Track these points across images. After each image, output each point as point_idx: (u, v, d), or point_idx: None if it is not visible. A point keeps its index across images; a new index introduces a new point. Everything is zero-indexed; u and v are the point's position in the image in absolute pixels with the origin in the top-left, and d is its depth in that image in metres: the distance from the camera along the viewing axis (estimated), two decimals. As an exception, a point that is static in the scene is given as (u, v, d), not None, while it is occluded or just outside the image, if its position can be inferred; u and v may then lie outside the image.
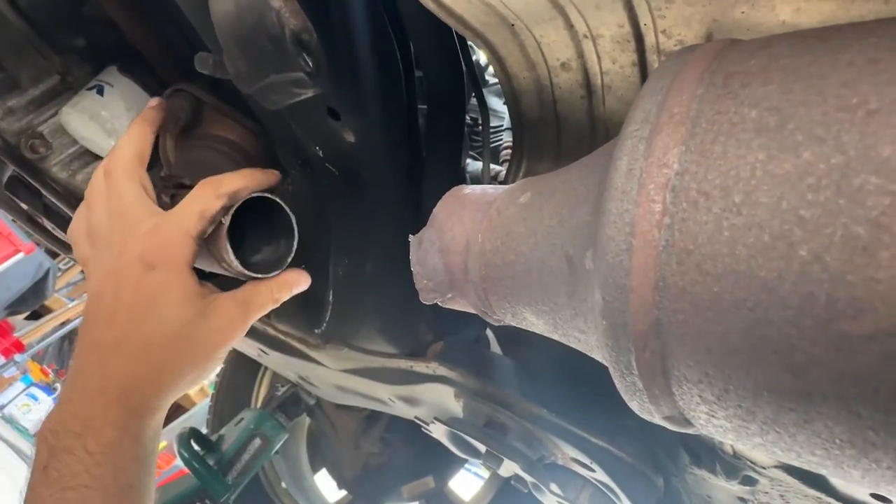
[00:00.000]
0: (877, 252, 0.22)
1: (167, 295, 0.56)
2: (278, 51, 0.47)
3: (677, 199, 0.27)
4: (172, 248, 0.56)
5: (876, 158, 0.22)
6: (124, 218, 0.59)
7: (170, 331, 0.56)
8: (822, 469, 0.28)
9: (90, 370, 0.56)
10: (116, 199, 0.60)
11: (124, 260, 0.57)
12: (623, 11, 0.45)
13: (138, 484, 0.55)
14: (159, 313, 0.56)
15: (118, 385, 0.55)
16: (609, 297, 0.30)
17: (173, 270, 0.57)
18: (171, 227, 0.57)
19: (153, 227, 0.57)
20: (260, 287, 0.62)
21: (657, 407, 0.32)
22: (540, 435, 0.72)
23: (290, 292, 0.65)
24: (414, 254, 0.49)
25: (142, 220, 0.58)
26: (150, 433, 0.57)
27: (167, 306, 0.56)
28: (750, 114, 0.26)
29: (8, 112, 0.85)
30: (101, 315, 0.57)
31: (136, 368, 0.55)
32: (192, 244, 0.57)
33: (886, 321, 0.22)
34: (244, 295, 0.61)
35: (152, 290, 0.56)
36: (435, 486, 1.36)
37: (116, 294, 0.57)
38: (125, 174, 0.61)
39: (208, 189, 0.58)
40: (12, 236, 3.23)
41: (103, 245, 0.60)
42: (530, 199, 0.40)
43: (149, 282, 0.56)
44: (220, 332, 0.59)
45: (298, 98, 0.54)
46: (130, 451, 0.54)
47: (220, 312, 0.59)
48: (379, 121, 0.66)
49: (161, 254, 0.56)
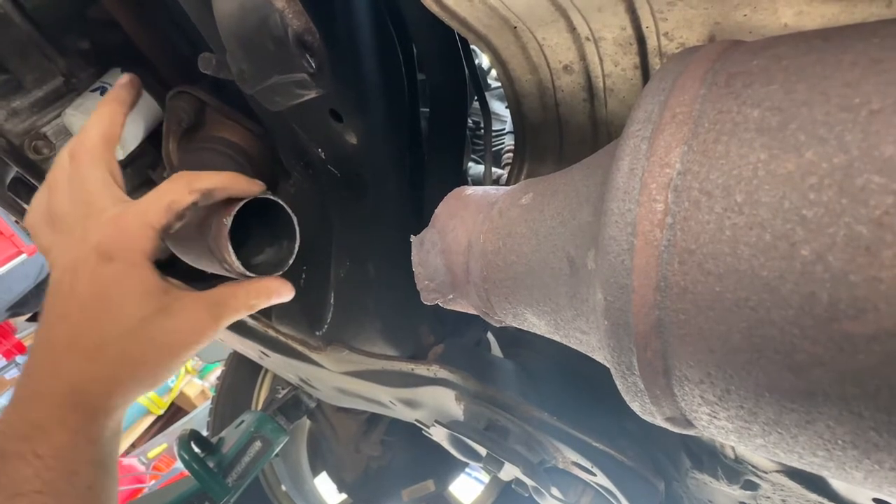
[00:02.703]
0: (879, 252, 0.22)
1: (124, 288, 0.52)
2: (281, 52, 0.48)
3: (679, 198, 0.27)
4: (132, 238, 0.53)
5: (879, 158, 0.22)
6: (88, 204, 0.55)
7: (126, 327, 0.52)
8: (825, 471, 0.28)
9: (41, 369, 0.53)
10: (80, 185, 0.56)
11: (83, 249, 0.53)
12: (625, 14, 0.45)
13: (97, 486, 0.51)
14: (115, 308, 0.52)
15: (69, 385, 0.51)
16: (611, 297, 0.30)
17: (131, 262, 0.53)
18: (134, 217, 0.53)
19: (115, 216, 0.54)
20: (237, 290, 0.58)
21: (659, 408, 0.32)
22: (541, 438, 0.71)
23: (267, 301, 0.60)
24: (416, 254, 0.48)
25: (106, 207, 0.55)
26: (108, 434, 0.53)
27: (123, 301, 0.52)
28: (752, 113, 0.26)
29: (12, 113, 0.85)
30: (56, 309, 0.53)
31: (88, 367, 0.51)
32: (154, 237, 0.53)
33: (889, 321, 0.22)
34: (218, 297, 0.57)
35: (108, 283, 0.52)
36: (435, 489, 1.35)
37: (72, 286, 0.53)
38: (91, 158, 0.57)
39: (182, 182, 0.55)
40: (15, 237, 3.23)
41: (64, 233, 0.56)
42: (532, 199, 0.40)
43: (104, 274, 0.52)
44: (184, 334, 0.55)
45: (301, 99, 0.54)
46: (85, 454, 0.51)
47: (185, 312, 0.54)
48: (381, 123, 0.66)
49: (119, 244, 0.52)
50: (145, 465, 3.27)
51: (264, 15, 0.46)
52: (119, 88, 0.64)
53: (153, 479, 3.18)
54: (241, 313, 0.58)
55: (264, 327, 0.94)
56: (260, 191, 0.58)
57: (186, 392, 3.69)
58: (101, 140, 0.58)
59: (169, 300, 0.54)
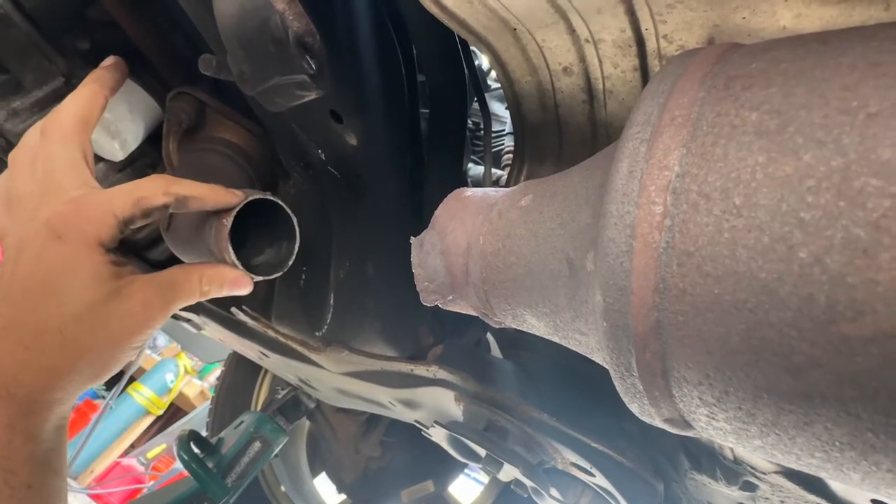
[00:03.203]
0: (877, 254, 0.22)
1: (72, 271, 0.49)
2: (281, 53, 0.48)
3: (678, 200, 0.27)
4: (89, 221, 0.49)
5: (876, 161, 0.22)
6: (48, 183, 0.52)
7: (70, 313, 0.48)
8: (822, 472, 0.28)
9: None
10: (46, 162, 0.53)
11: (32, 226, 0.50)
12: (625, 16, 0.45)
13: (38, 484, 0.48)
14: (60, 291, 0.48)
15: (4, 376, 0.47)
16: (609, 299, 0.30)
17: (83, 244, 0.49)
18: (98, 201, 0.50)
19: (78, 197, 0.50)
20: (190, 274, 0.55)
21: (657, 409, 0.32)
22: (540, 439, 0.71)
23: (220, 289, 0.57)
24: (415, 255, 0.49)
25: (69, 189, 0.51)
26: (49, 427, 0.49)
27: (71, 284, 0.48)
28: (751, 116, 0.26)
29: (12, 113, 0.85)
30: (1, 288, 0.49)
31: (24, 356, 0.47)
32: (114, 226, 0.50)
33: (886, 323, 0.22)
34: (168, 279, 0.54)
35: (55, 264, 0.48)
36: (435, 490, 1.35)
37: (15, 265, 0.49)
38: (63, 136, 0.54)
39: (159, 182, 0.52)
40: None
41: (18, 210, 0.52)
42: (531, 201, 0.40)
43: (53, 253, 0.49)
44: (133, 318, 0.51)
45: (301, 100, 0.54)
46: (22, 450, 0.47)
47: (136, 296, 0.51)
48: (381, 124, 0.66)
49: (73, 223, 0.49)
50: (144, 465, 3.27)
51: (265, 16, 0.46)
52: (102, 70, 0.61)
53: (152, 480, 3.18)
54: (193, 298, 0.56)
55: (264, 328, 0.94)
56: (238, 202, 0.56)
57: (186, 392, 3.69)
58: (77, 119, 0.55)
59: (119, 285, 0.51)
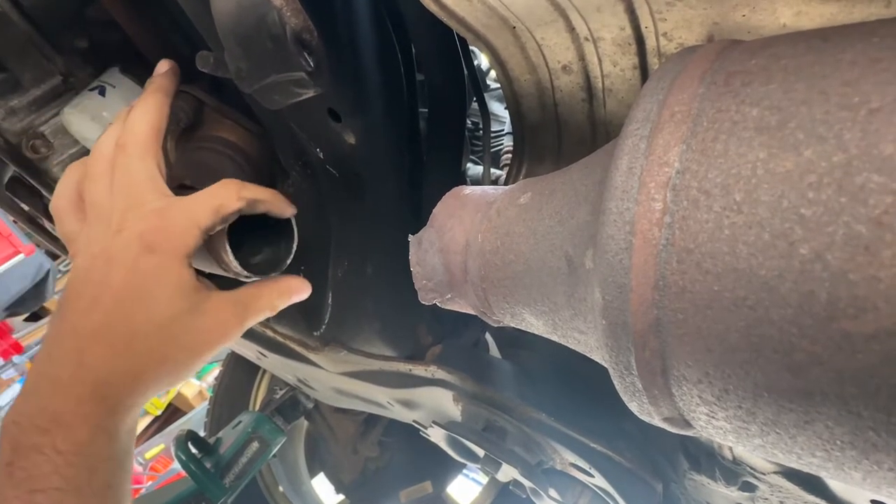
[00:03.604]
0: (879, 251, 0.22)
1: (162, 282, 0.52)
2: (279, 50, 0.47)
3: (678, 197, 0.27)
4: (177, 234, 0.52)
5: (878, 157, 0.22)
6: (130, 196, 0.54)
7: (158, 322, 0.51)
8: (823, 471, 0.28)
9: (64, 358, 0.50)
10: (124, 175, 0.55)
11: (121, 238, 0.52)
12: (624, 14, 0.45)
13: (115, 484, 0.51)
14: (150, 302, 0.51)
15: (94, 378, 0.49)
16: (609, 297, 0.30)
17: (173, 258, 0.52)
18: (181, 213, 0.53)
19: (161, 209, 0.53)
20: (260, 291, 0.59)
21: (657, 408, 0.31)
22: (539, 439, 0.71)
23: (288, 300, 0.62)
24: (414, 254, 0.48)
25: (150, 201, 0.54)
26: (126, 429, 0.52)
27: (159, 295, 0.52)
28: (751, 112, 0.26)
29: (10, 112, 0.85)
30: (85, 297, 0.52)
31: (115, 361, 0.50)
32: (198, 236, 0.53)
33: (888, 320, 0.22)
34: (242, 297, 0.58)
35: (146, 275, 0.51)
36: (433, 490, 1.35)
37: (106, 275, 0.51)
38: (140, 150, 0.56)
39: (232, 188, 0.55)
40: (13, 237, 3.23)
41: (98, 221, 0.55)
42: (530, 199, 0.40)
43: (144, 265, 0.51)
44: (210, 333, 0.55)
45: (299, 98, 0.54)
46: (105, 451, 0.50)
47: (214, 312, 0.55)
48: (380, 123, 0.66)
49: (163, 237, 0.52)
50: (142, 465, 3.27)
51: (262, 13, 0.45)
52: (161, 78, 0.63)
53: (150, 480, 3.17)
54: (265, 314, 0.59)
55: (262, 327, 0.94)
56: (291, 214, 0.60)
57: (184, 392, 3.68)
58: (152, 131, 0.57)
59: (199, 299, 0.54)
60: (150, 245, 0.52)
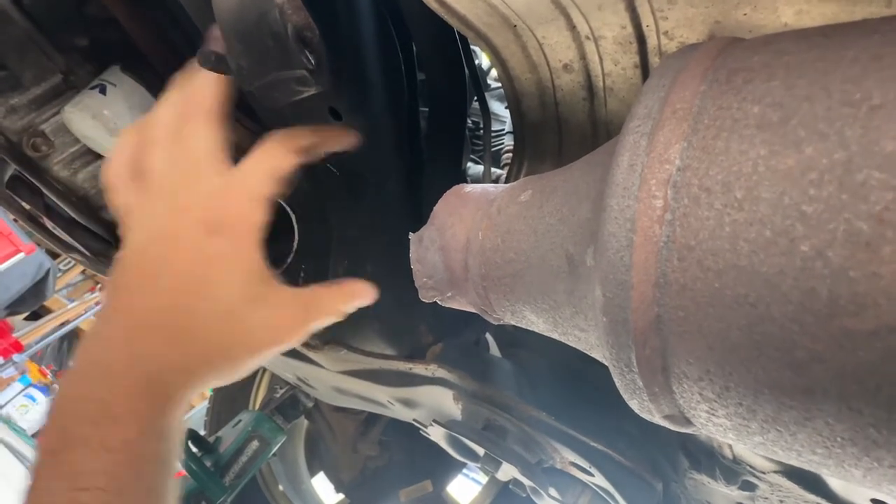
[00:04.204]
0: (880, 247, 0.22)
1: (228, 268, 0.48)
2: (280, 48, 0.47)
3: (679, 194, 0.27)
4: (243, 214, 0.48)
5: (879, 153, 0.22)
6: (191, 169, 0.50)
7: (220, 311, 0.47)
8: (823, 469, 0.28)
9: (116, 342, 0.46)
10: (186, 145, 0.50)
11: (186, 219, 0.48)
12: (625, 12, 0.45)
13: (159, 487, 0.46)
14: (214, 288, 0.47)
15: (147, 369, 0.45)
16: (609, 294, 0.30)
17: (240, 240, 0.48)
18: (241, 189, 0.49)
19: (222, 188, 0.49)
20: (327, 293, 0.54)
21: (657, 405, 0.31)
22: (539, 438, 0.71)
23: (353, 304, 0.56)
24: (414, 251, 0.48)
25: (209, 176, 0.49)
26: (174, 427, 0.48)
27: (225, 281, 0.47)
28: (752, 109, 0.26)
29: (10, 110, 0.85)
30: (144, 276, 0.48)
31: (170, 352, 0.46)
32: (261, 210, 0.49)
33: (889, 317, 0.22)
34: (308, 296, 0.52)
35: (211, 260, 0.47)
36: (433, 490, 1.35)
37: (167, 256, 0.48)
38: (207, 119, 0.51)
39: (278, 144, 0.50)
40: (13, 236, 3.23)
41: (158, 195, 0.50)
42: (531, 197, 0.40)
43: (209, 249, 0.47)
44: (272, 331, 0.50)
45: (300, 96, 0.54)
46: (152, 451, 0.46)
47: (278, 307, 0.50)
48: (381, 122, 0.66)
49: (230, 219, 0.48)
50: (142, 464, 3.26)
51: (263, 10, 0.45)
52: None
53: (150, 479, 3.17)
54: (330, 318, 0.54)
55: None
56: (354, 141, 0.55)
57: (184, 392, 3.68)
58: (219, 98, 0.52)
59: (267, 290, 0.50)
60: (215, 227, 0.48)
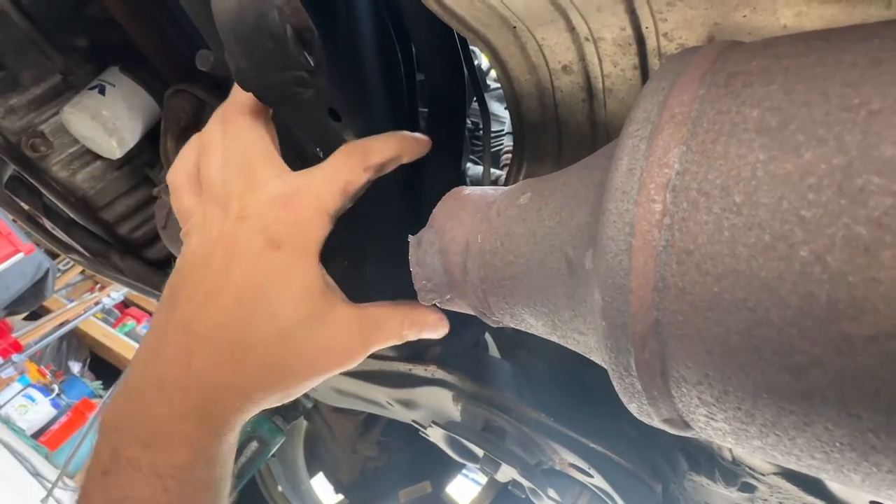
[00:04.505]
0: (878, 252, 0.22)
1: (288, 282, 0.45)
2: (279, 48, 0.47)
3: (678, 198, 0.27)
4: (305, 226, 0.45)
5: (878, 158, 0.22)
6: (246, 174, 0.47)
7: (278, 330, 0.44)
8: (822, 473, 0.28)
9: (172, 357, 0.44)
10: (235, 147, 0.49)
11: (244, 228, 0.45)
12: (625, 14, 0.45)
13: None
14: (273, 304, 0.44)
15: (202, 390, 0.43)
16: (608, 298, 0.30)
17: (301, 254, 0.45)
18: (307, 201, 0.46)
19: (285, 196, 0.46)
20: (390, 313, 0.50)
21: (656, 409, 0.31)
22: (538, 439, 0.71)
23: (419, 332, 0.52)
24: (413, 254, 0.48)
25: (268, 180, 0.47)
26: (226, 450, 0.46)
27: (284, 297, 0.44)
28: (751, 114, 0.26)
29: (9, 111, 0.85)
30: (201, 288, 0.45)
31: (226, 372, 0.43)
32: (328, 225, 0.46)
33: (887, 322, 0.22)
34: (370, 315, 0.49)
35: (272, 274, 0.44)
36: (432, 490, 1.35)
37: (226, 268, 0.44)
38: (248, 118, 0.50)
39: (355, 158, 0.48)
40: (12, 236, 3.23)
41: (214, 200, 0.48)
42: (530, 199, 0.40)
43: (270, 262, 0.44)
44: (332, 352, 0.46)
45: (299, 97, 0.54)
46: (203, 478, 0.44)
47: (339, 325, 0.47)
48: (380, 123, 0.66)
49: (291, 231, 0.45)
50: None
51: (262, 11, 0.45)
52: None
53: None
54: (391, 341, 0.50)
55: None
56: (428, 147, 0.53)
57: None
58: (256, 101, 0.51)
59: (326, 306, 0.46)
60: (275, 239, 0.45)
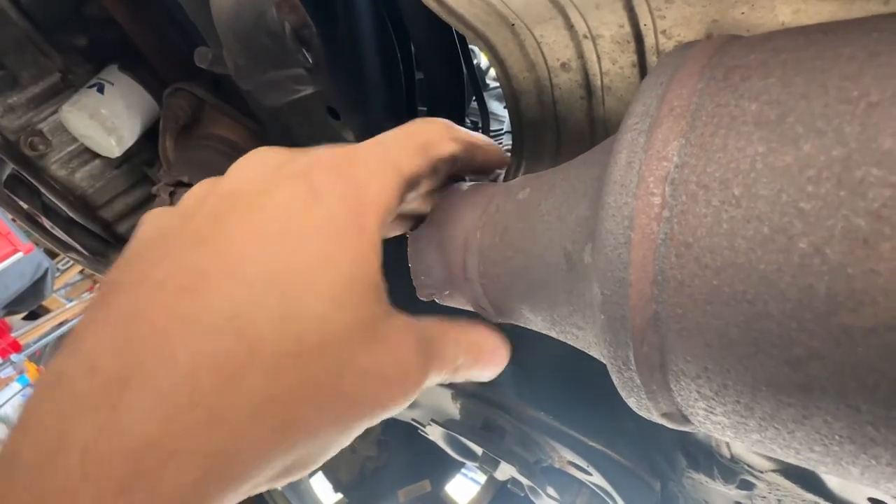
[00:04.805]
0: (878, 244, 0.22)
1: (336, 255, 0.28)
2: (278, 46, 0.47)
3: (676, 191, 0.27)
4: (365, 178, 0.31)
5: (877, 150, 0.22)
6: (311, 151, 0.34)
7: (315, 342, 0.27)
8: (821, 466, 0.28)
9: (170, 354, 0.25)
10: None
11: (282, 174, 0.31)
12: (623, 11, 0.45)
13: None
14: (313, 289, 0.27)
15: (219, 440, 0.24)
16: (607, 291, 0.30)
17: (357, 215, 0.30)
18: (374, 151, 0.33)
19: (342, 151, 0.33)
20: (446, 329, 0.36)
21: (655, 403, 0.31)
22: (537, 438, 0.71)
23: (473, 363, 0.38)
24: (412, 250, 0.48)
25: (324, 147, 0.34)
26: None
27: (329, 281, 0.28)
28: (750, 107, 0.26)
29: (8, 109, 0.85)
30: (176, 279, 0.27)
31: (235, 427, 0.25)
32: (397, 188, 0.33)
33: (887, 314, 0.22)
34: (427, 330, 0.34)
35: (306, 236, 0.28)
36: (431, 489, 1.35)
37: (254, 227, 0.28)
38: None
39: (441, 124, 0.37)
40: (11, 236, 3.23)
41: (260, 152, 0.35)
42: (529, 194, 0.40)
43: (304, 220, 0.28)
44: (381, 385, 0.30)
45: (297, 95, 0.54)
46: None
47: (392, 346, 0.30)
48: (379, 121, 0.66)
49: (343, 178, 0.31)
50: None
51: (261, 9, 0.45)
52: None
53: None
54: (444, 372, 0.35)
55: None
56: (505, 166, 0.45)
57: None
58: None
59: (380, 310, 0.30)
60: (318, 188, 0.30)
